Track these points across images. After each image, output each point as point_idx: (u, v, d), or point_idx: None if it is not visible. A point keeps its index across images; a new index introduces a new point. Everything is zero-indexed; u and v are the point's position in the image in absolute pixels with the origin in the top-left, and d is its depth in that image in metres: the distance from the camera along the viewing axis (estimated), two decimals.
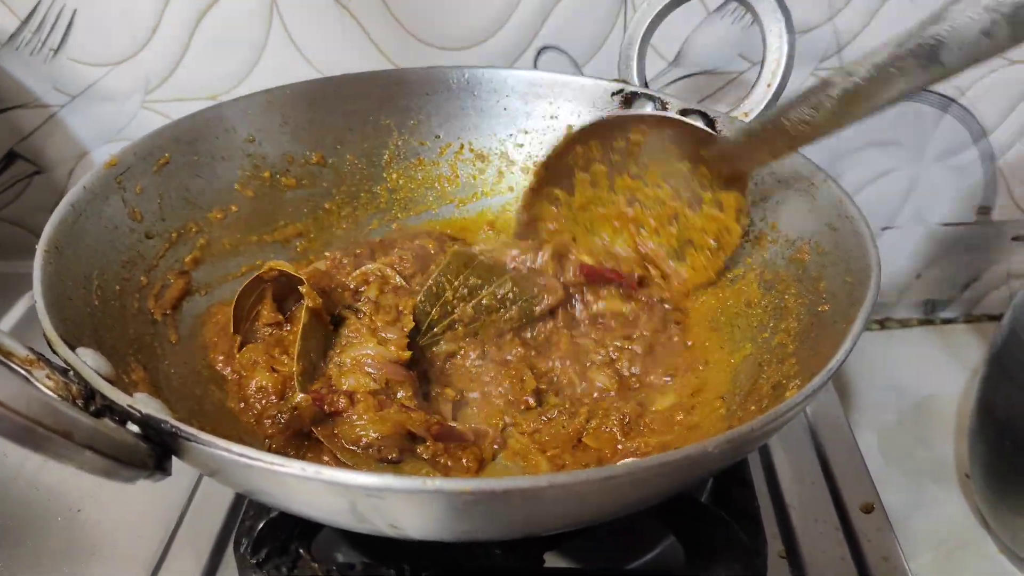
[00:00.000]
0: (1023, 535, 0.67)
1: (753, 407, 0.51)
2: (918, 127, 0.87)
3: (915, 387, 0.89)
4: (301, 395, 0.53)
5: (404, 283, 0.65)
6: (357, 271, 0.66)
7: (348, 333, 0.59)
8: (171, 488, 0.61)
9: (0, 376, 0.35)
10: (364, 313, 0.61)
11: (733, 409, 0.53)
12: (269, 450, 0.51)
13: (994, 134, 0.87)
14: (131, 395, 0.41)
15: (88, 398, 0.41)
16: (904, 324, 0.99)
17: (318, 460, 0.52)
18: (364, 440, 0.51)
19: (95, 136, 0.86)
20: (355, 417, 0.52)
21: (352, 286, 0.66)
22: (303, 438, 0.53)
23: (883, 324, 0.99)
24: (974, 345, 0.94)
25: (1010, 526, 0.69)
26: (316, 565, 0.52)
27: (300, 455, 0.52)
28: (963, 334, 0.97)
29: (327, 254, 0.69)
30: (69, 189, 0.56)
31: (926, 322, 0.99)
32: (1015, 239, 0.94)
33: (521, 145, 0.74)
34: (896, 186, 0.90)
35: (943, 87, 0.84)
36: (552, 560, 0.57)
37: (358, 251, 0.69)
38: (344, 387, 0.54)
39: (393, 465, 0.52)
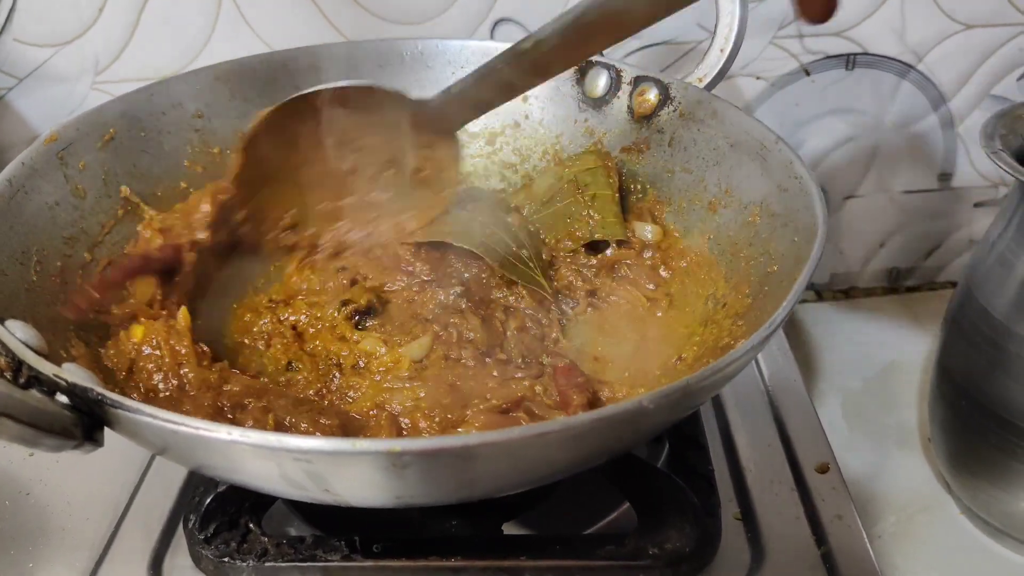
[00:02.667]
0: (982, 495, 0.68)
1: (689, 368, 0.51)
2: (877, 94, 0.87)
3: (880, 354, 0.90)
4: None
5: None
6: None
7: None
8: (122, 469, 0.61)
9: None
10: None
11: (682, 370, 0.53)
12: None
13: (953, 100, 0.88)
14: (59, 365, 0.40)
15: (16, 370, 0.40)
16: (868, 293, 0.99)
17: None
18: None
19: (46, 119, 0.84)
20: None
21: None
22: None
23: (848, 294, 0.99)
24: (937, 312, 0.93)
25: (969, 486, 0.69)
26: (266, 539, 0.51)
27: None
28: (927, 301, 0.97)
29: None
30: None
31: (890, 291, 0.99)
32: (977, 205, 0.94)
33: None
34: (857, 154, 0.90)
35: (901, 53, 0.84)
36: (510, 529, 0.56)
37: None
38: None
39: None
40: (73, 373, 0.39)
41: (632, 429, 0.40)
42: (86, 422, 0.39)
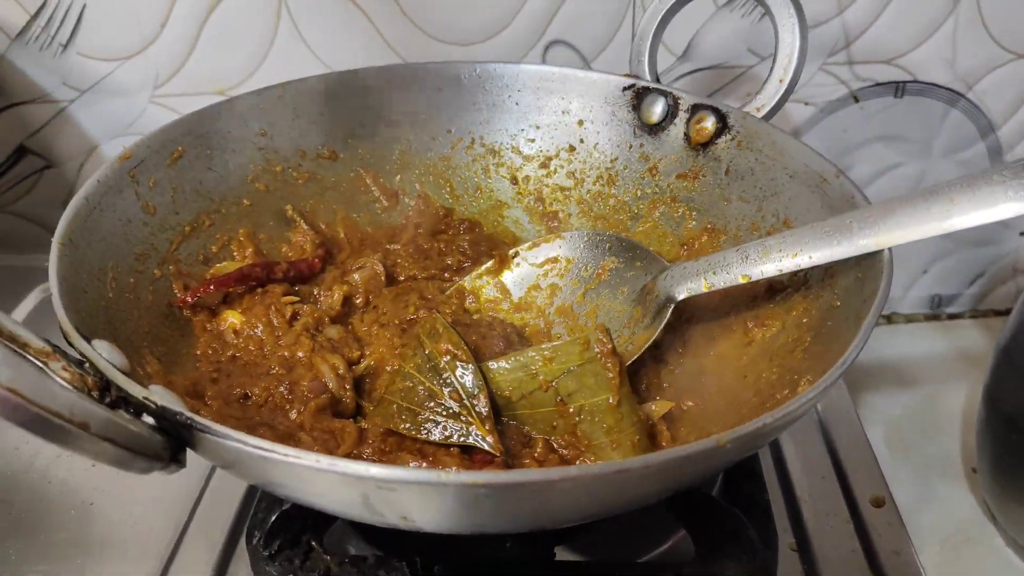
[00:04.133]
0: None
1: (754, 397, 0.51)
2: (925, 122, 0.87)
3: (921, 382, 0.89)
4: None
5: None
6: None
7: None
8: (183, 481, 0.62)
9: (18, 367, 0.35)
10: None
11: (740, 402, 0.53)
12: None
13: (1002, 129, 0.87)
14: (146, 387, 0.41)
15: (103, 390, 0.41)
16: (910, 319, 0.99)
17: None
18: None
19: (105, 131, 0.86)
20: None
21: None
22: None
23: (889, 319, 0.99)
24: (980, 340, 0.94)
25: (1017, 519, 0.69)
26: (328, 558, 0.52)
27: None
28: (969, 329, 0.97)
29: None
30: (79, 183, 0.56)
31: (932, 317, 0.99)
32: (1022, 234, 0.94)
33: (533, 140, 0.74)
34: (904, 181, 0.90)
35: (951, 82, 0.84)
36: (562, 553, 0.57)
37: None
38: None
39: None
40: (162, 396, 0.40)
41: (706, 466, 0.41)
42: (172, 444, 0.40)
